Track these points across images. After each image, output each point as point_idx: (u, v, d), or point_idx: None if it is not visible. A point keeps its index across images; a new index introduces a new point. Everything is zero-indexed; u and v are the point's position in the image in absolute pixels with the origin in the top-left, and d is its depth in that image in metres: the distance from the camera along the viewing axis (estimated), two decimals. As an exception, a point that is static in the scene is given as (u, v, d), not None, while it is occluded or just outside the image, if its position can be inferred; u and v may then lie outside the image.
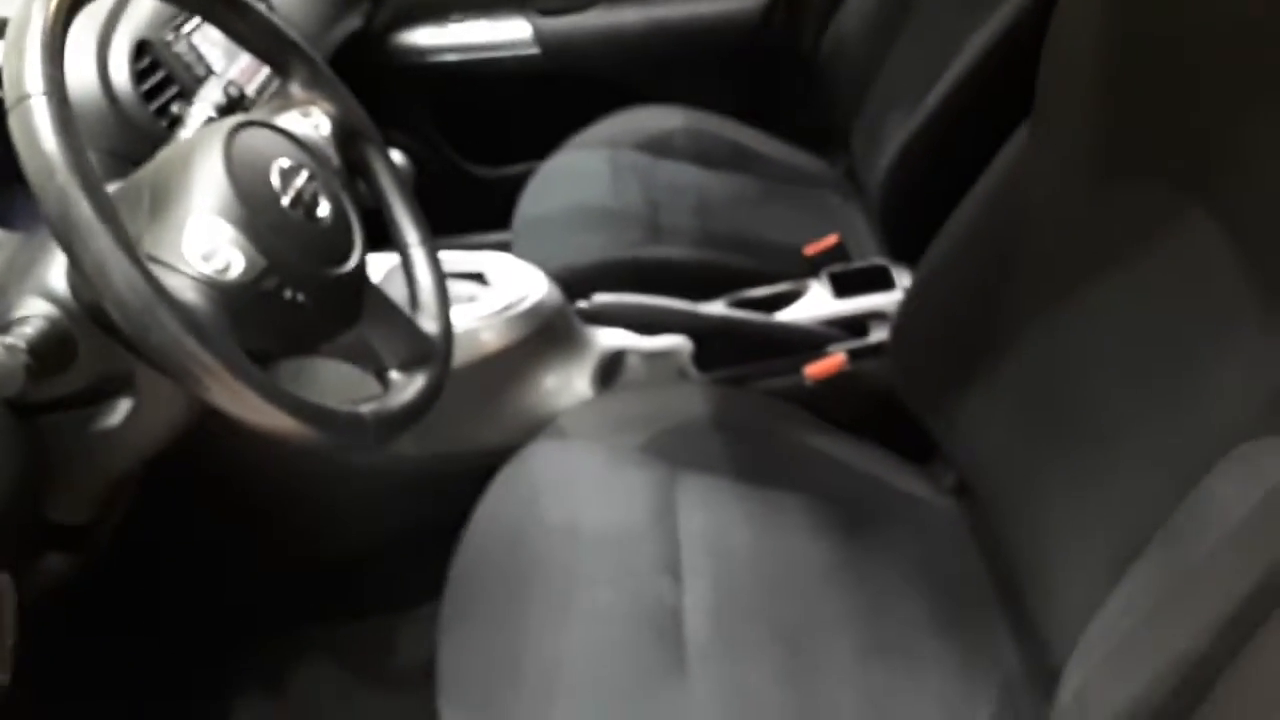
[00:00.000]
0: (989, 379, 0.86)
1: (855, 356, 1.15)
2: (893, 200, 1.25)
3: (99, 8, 0.96)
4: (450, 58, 1.74)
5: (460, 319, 1.01)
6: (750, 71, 1.77)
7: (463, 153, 1.81)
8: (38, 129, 0.56)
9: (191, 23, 1.06)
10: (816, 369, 1.14)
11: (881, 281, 1.23)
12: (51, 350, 0.66)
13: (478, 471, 0.97)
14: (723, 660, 0.79)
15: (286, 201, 0.68)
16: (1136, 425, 0.70)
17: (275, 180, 0.69)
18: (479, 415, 1.07)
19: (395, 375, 0.77)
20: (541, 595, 0.85)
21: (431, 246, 0.86)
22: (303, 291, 0.67)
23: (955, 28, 1.14)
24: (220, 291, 0.62)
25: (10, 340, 0.64)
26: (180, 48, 1.04)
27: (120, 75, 0.94)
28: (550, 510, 0.91)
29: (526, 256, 1.18)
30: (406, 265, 0.85)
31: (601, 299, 1.17)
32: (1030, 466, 0.80)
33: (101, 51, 0.94)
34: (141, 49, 0.98)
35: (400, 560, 1.08)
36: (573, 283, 1.17)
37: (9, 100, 0.57)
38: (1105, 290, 0.74)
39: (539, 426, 1.02)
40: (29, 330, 0.65)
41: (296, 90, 0.83)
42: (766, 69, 1.76)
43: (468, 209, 1.66)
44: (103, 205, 0.56)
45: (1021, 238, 0.83)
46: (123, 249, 0.56)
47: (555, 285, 1.12)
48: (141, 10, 1.01)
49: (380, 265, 0.98)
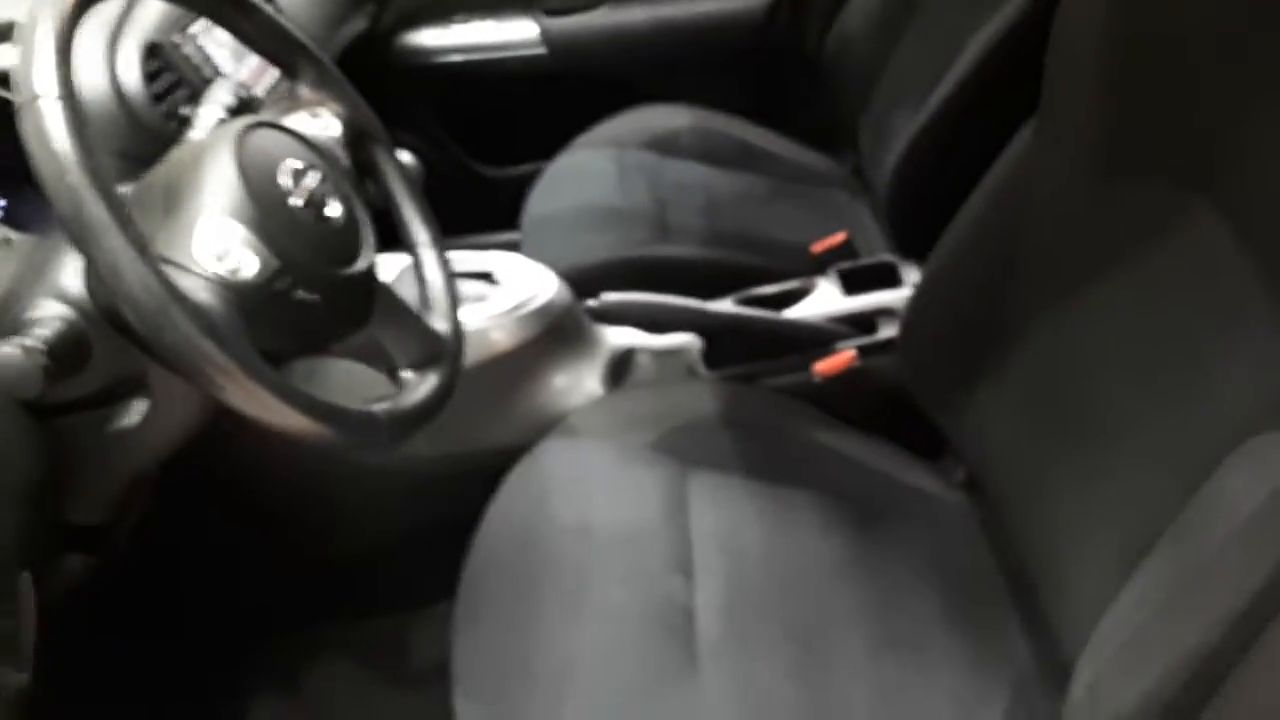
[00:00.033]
0: (997, 375, 0.86)
1: (864, 353, 1.15)
2: (900, 197, 1.25)
3: (107, 10, 0.96)
4: (457, 58, 1.74)
5: (470, 318, 1.01)
6: (756, 70, 1.77)
7: (470, 153, 1.81)
8: (49, 130, 0.56)
9: (199, 25, 1.06)
10: (826, 366, 1.14)
11: (889, 278, 1.23)
12: (68, 352, 0.66)
13: (489, 470, 0.97)
14: (735, 657, 0.80)
15: (297, 202, 0.68)
16: (1144, 421, 0.70)
17: (286, 181, 0.69)
18: (490, 414, 1.07)
19: (407, 375, 0.77)
20: (554, 593, 0.85)
21: (441, 246, 0.86)
22: (314, 291, 0.67)
23: (960, 25, 1.14)
24: (233, 292, 0.63)
25: (29, 342, 0.64)
26: (188, 50, 1.04)
27: (130, 77, 0.94)
28: (562, 509, 0.92)
29: (535, 256, 1.18)
30: (416, 265, 0.85)
31: (610, 298, 1.17)
32: (1040, 462, 0.80)
33: (111, 54, 0.94)
34: (151, 51, 0.98)
35: (413, 559, 1.08)
36: (581, 282, 1.16)
37: (20, 102, 0.57)
38: (1111, 287, 0.74)
39: (549, 425, 1.02)
40: (45, 332, 0.66)
41: (305, 91, 0.83)
42: (772, 67, 1.76)
43: (475, 209, 1.66)
44: (115, 205, 0.56)
45: (1028, 235, 0.83)
46: (136, 249, 0.56)
47: (565, 284, 1.12)
48: (149, 12, 1.00)
49: (391, 266, 0.99)
